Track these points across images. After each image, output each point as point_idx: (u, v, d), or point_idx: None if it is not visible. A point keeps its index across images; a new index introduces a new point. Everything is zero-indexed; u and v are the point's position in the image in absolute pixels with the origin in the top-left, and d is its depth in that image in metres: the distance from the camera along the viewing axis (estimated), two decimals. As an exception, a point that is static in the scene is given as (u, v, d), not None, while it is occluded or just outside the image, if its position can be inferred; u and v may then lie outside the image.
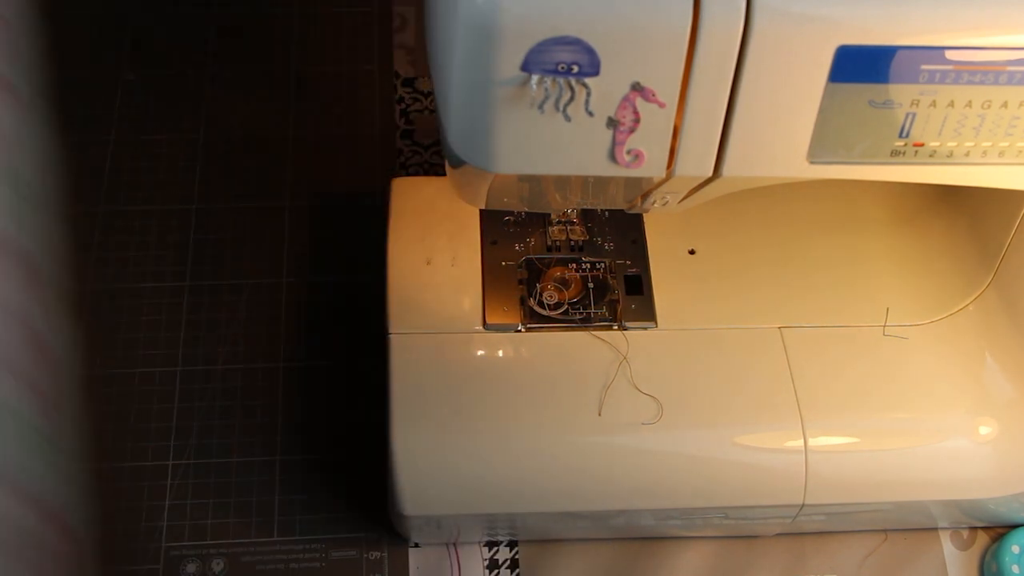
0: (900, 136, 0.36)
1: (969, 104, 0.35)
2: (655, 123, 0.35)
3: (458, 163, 0.38)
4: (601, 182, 0.40)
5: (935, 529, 0.56)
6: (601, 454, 0.49)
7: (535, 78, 0.33)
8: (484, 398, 0.50)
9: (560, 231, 0.53)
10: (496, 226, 0.55)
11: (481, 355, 0.51)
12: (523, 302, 0.53)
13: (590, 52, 0.32)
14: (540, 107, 0.34)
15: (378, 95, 0.71)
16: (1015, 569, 0.52)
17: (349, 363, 0.60)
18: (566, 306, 0.53)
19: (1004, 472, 0.51)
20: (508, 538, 0.55)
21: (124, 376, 0.59)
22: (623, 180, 0.39)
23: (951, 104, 0.35)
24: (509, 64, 0.33)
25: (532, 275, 0.54)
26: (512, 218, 0.55)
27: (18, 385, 0.33)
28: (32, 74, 0.40)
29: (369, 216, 0.63)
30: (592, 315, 0.52)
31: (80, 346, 0.40)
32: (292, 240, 0.65)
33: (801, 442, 0.49)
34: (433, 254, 0.54)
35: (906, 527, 0.56)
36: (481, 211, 0.55)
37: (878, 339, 0.53)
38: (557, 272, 0.54)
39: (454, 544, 0.55)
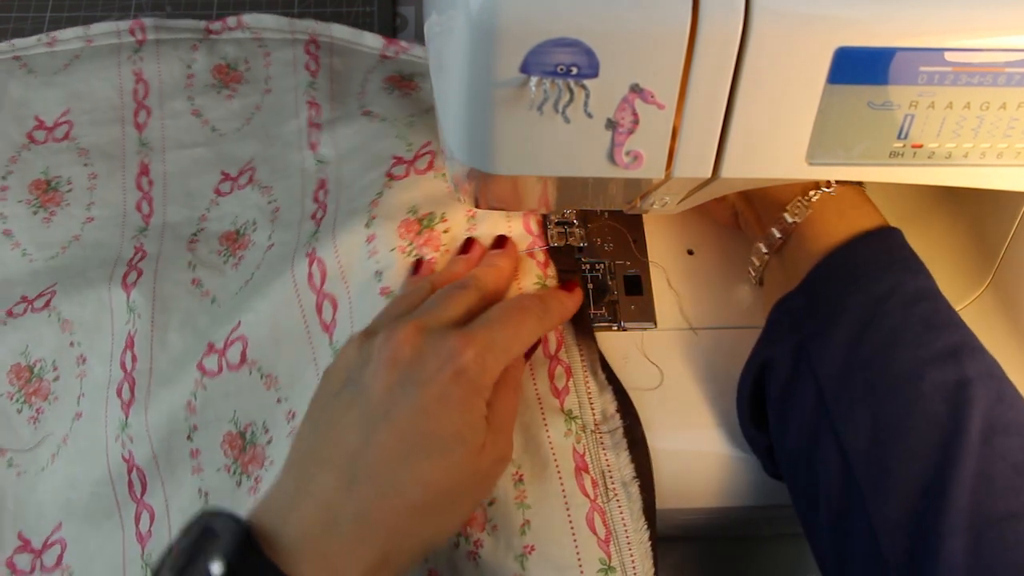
0: (899, 137, 0.36)
1: (968, 105, 0.35)
2: (654, 124, 0.35)
3: (457, 164, 0.38)
4: (600, 183, 0.40)
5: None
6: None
7: (534, 80, 0.33)
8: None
9: (559, 232, 0.53)
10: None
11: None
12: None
13: (589, 54, 0.32)
14: (539, 109, 0.34)
15: (378, 95, 0.71)
16: (1014, 569, 0.52)
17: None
18: (566, 306, 0.53)
19: (1003, 472, 0.51)
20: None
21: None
22: (622, 181, 0.39)
23: (950, 106, 0.35)
24: (508, 66, 0.33)
25: (532, 275, 0.54)
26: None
27: None
28: None
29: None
30: (592, 316, 0.52)
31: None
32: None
33: (800, 442, 0.49)
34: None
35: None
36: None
37: (878, 339, 0.53)
38: (557, 272, 0.54)
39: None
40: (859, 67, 0.34)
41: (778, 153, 0.36)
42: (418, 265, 0.49)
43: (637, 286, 0.54)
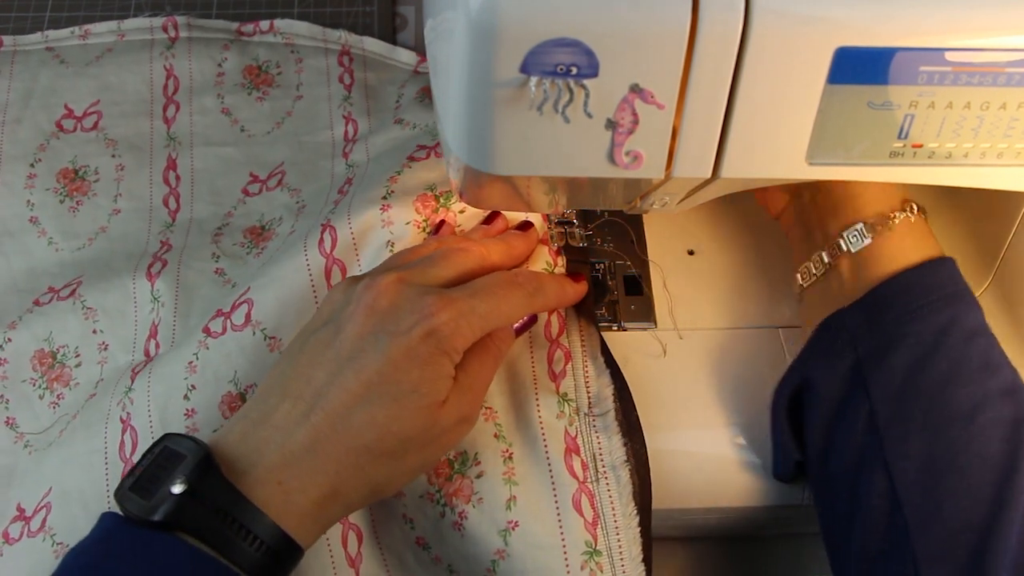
0: (899, 137, 0.36)
1: (968, 105, 0.35)
2: (654, 124, 0.35)
3: (457, 164, 0.38)
4: (600, 183, 0.40)
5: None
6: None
7: (534, 80, 0.33)
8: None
9: (559, 232, 0.53)
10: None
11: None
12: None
13: (589, 54, 0.32)
14: (539, 109, 0.34)
15: (378, 95, 0.71)
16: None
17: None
18: (566, 306, 0.53)
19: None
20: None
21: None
22: (622, 181, 0.39)
23: (950, 105, 0.35)
24: (508, 66, 0.33)
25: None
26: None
27: None
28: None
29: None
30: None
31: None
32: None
33: (801, 442, 0.49)
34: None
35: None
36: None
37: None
38: (557, 272, 0.54)
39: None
40: (859, 67, 0.34)
41: (778, 153, 0.36)
42: (439, 227, 0.50)
43: (637, 286, 0.54)
